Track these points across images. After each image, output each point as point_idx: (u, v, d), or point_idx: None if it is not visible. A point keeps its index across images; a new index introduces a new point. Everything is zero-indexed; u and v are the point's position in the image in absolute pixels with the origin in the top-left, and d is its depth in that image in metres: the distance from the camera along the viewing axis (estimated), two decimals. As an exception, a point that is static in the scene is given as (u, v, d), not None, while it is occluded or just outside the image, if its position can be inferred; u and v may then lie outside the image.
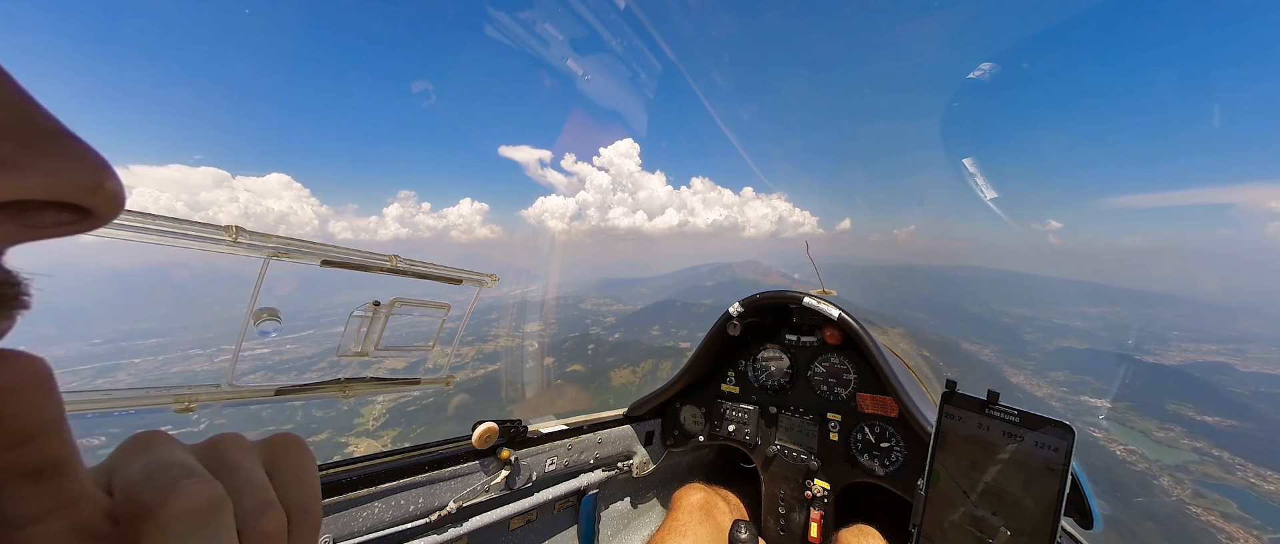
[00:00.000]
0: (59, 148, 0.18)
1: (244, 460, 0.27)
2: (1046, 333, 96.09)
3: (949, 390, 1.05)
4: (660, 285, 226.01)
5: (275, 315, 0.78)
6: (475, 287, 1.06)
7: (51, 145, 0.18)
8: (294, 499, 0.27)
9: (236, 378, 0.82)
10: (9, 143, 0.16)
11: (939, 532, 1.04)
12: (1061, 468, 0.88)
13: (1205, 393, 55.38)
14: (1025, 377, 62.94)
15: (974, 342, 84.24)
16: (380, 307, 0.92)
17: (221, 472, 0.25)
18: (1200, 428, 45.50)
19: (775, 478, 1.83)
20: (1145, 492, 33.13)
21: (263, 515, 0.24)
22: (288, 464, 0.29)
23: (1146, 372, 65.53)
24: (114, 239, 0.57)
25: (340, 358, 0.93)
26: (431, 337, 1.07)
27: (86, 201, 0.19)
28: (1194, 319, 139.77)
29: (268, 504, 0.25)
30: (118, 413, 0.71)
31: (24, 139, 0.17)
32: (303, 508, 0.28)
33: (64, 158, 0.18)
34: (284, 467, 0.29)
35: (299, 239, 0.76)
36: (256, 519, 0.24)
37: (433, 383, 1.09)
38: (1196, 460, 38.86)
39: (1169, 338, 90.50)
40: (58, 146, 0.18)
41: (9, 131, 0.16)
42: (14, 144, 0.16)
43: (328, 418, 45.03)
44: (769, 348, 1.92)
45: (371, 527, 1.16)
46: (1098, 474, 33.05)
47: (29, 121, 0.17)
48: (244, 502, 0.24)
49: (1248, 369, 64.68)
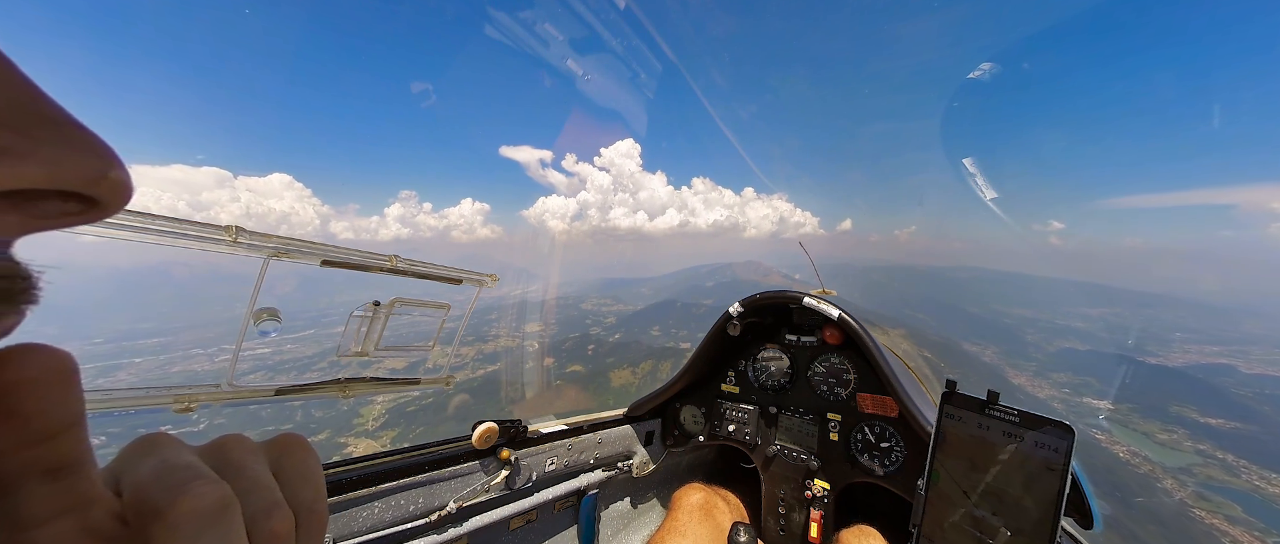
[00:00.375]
0: (63, 136, 0.18)
1: (250, 461, 0.27)
2: (1048, 334, 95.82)
3: (949, 390, 1.06)
4: (661, 286, 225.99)
5: (275, 315, 0.79)
6: (475, 286, 1.06)
7: (56, 134, 0.17)
8: (300, 499, 0.27)
9: (236, 378, 0.82)
10: (11, 131, 0.16)
11: (939, 532, 1.04)
12: (1061, 468, 0.88)
13: (1208, 395, 55.07)
14: (1027, 378, 62.78)
15: (975, 342, 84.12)
16: (380, 307, 0.92)
17: (228, 472, 0.25)
18: (1203, 430, 45.22)
19: (775, 478, 1.83)
20: (1147, 493, 32.98)
21: (271, 516, 0.24)
22: (293, 464, 0.29)
23: (1149, 373, 65.30)
24: (115, 239, 0.57)
25: (340, 358, 0.93)
26: (431, 337, 1.07)
27: (92, 191, 0.19)
28: (1196, 320, 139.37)
29: (275, 505, 0.25)
30: (118, 413, 0.71)
31: (27, 127, 0.16)
32: (309, 508, 0.28)
33: (68, 146, 0.18)
34: (289, 467, 0.29)
35: (299, 239, 0.76)
36: (265, 520, 0.24)
37: (433, 383, 1.09)
38: (1200, 463, 38.61)
39: (1171, 339, 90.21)
40: (62, 135, 0.18)
41: (11, 119, 0.16)
42: (16, 132, 0.16)
43: (327, 418, 45.04)
44: (769, 348, 1.92)
45: (371, 527, 1.16)
46: (1100, 475, 32.95)
47: (33, 109, 0.17)
48: (252, 502, 0.24)
49: (1251, 371, 64.36)
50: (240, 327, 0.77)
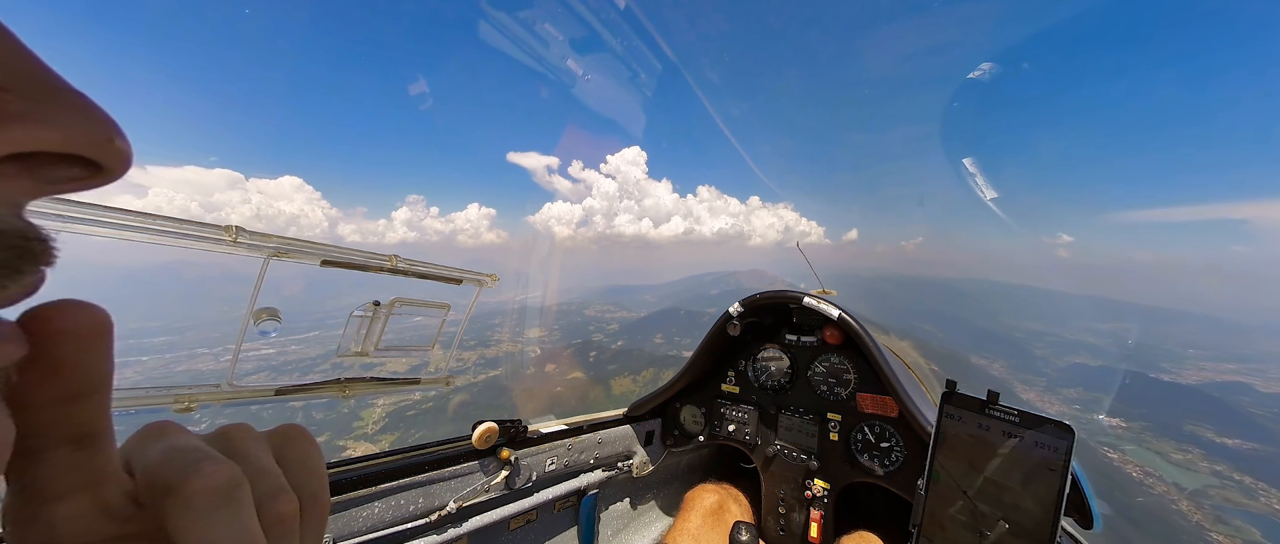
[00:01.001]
0: (69, 103, 0.18)
1: (254, 448, 0.27)
2: (1058, 348, 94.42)
3: (949, 390, 1.06)
4: (664, 293, 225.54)
5: (275, 315, 0.79)
6: (475, 287, 1.06)
7: (65, 101, 0.18)
8: (304, 486, 0.28)
9: (237, 378, 0.82)
10: (21, 98, 0.17)
11: (939, 531, 1.04)
12: (1061, 468, 0.89)
13: (1224, 414, 53.78)
14: (1037, 393, 61.77)
15: (983, 356, 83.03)
16: (380, 307, 0.93)
17: (234, 458, 0.25)
18: (1220, 450, 44.19)
19: (775, 478, 1.82)
20: (1164, 519, 31.96)
21: (277, 499, 0.25)
22: (296, 453, 0.29)
23: (1162, 390, 63.98)
24: (117, 239, 0.58)
25: (340, 358, 0.94)
26: (432, 338, 1.07)
27: (98, 156, 0.20)
28: (1210, 337, 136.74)
29: (281, 489, 0.25)
30: (118, 412, 0.72)
31: (36, 94, 0.17)
32: (313, 495, 0.28)
33: (75, 112, 0.19)
34: (292, 456, 0.29)
35: (299, 239, 0.77)
36: (272, 502, 0.24)
37: (433, 383, 1.09)
38: (1217, 485, 37.71)
39: (1185, 356, 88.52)
40: (68, 101, 0.18)
41: (21, 87, 0.17)
42: (27, 99, 0.17)
43: (327, 420, 45.00)
44: (769, 348, 1.92)
45: (371, 527, 1.16)
46: (1114, 496, 31.83)
47: (40, 78, 0.18)
48: (259, 486, 0.24)
49: (1268, 390, 62.78)
50: (240, 326, 0.77)
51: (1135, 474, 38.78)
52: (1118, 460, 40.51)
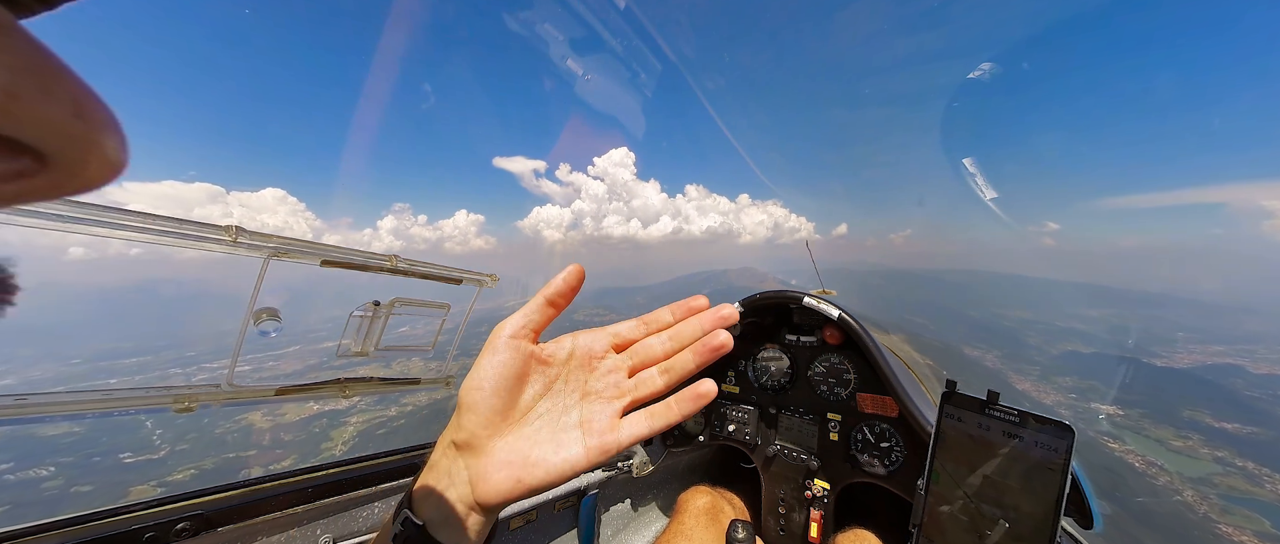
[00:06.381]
0: (76, 82, 0.15)
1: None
2: (1050, 336, 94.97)
3: (949, 390, 1.05)
4: (655, 294, 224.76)
5: (275, 315, 0.79)
6: (475, 287, 1.07)
7: (72, 80, 0.14)
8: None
9: (237, 378, 0.82)
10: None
11: (939, 531, 1.04)
12: (1061, 467, 0.88)
13: (1219, 397, 53.39)
14: (1032, 383, 62.08)
15: (976, 347, 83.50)
16: (380, 306, 0.93)
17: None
18: (1219, 435, 43.59)
19: (775, 478, 1.82)
20: (1172, 512, 31.06)
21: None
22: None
23: (1156, 375, 64.29)
24: (117, 239, 0.58)
25: (340, 358, 0.94)
26: (432, 338, 1.08)
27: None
28: (1197, 319, 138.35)
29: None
30: (118, 413, 0.71)
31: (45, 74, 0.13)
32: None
33: (83, 91, 0.15)
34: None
35: (299, 239, 0.77)
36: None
37: (432, 383, 1.09)
38: (1220, 472, 36.99)
39: (1175, 339, 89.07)
40: (76, 82, 0.15)
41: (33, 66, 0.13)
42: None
43: (295, 443, 42.73)
44: (769, 348, 1.92)
45: (371, 527, 1.16)
46: (1118, 491, 31.29)
47: (49, 61, 0.13)
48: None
49: (1260, 371, 62.52)
50: (240, 326, 0.77)
51: (1137, 464, 38.24)
52: (1119, 451, 40.39)
